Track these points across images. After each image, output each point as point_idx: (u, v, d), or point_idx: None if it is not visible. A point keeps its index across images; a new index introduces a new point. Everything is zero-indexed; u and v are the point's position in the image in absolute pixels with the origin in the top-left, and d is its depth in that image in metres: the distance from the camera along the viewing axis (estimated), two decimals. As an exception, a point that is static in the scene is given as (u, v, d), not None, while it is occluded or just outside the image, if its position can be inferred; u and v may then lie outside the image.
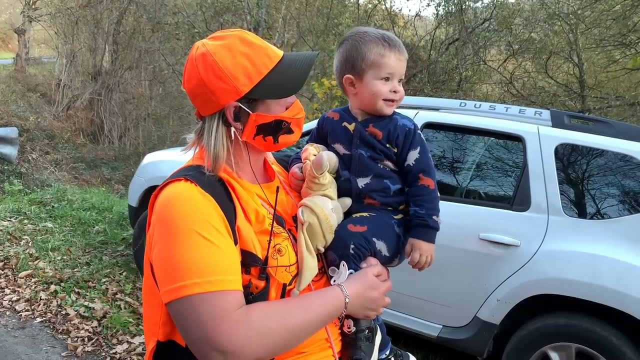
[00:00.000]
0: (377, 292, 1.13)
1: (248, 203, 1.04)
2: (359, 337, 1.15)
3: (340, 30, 11.94)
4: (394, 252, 1.22)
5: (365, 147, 1.25)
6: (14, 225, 5.17)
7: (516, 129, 2.97)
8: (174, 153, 4.58)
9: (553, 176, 2.78)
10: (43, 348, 3.12)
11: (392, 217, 1.24)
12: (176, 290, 0.92)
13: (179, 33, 11.15)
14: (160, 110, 14.70)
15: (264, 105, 1.06)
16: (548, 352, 2.62)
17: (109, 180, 10.15)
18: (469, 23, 10.91)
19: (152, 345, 1.05)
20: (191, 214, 0.95)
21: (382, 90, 1.24)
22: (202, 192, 0.97)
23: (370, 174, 1.25)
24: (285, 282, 1.04)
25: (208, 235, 0.94)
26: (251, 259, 0.99)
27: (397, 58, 1.24)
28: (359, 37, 1.26)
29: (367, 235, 1.17)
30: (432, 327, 2.98)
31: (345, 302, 1.06)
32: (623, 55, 10.39)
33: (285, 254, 1.06)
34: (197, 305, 0.91)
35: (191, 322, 0.91)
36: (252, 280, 0.99)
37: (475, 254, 2.83)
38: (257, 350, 0.92)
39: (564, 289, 2.60)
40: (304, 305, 1.01)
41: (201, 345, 0.91)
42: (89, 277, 4.07)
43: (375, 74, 1.25)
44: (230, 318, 0.91)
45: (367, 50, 1.25)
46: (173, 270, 0.93)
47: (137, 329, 3.37)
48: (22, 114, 10.91)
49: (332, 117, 1.33)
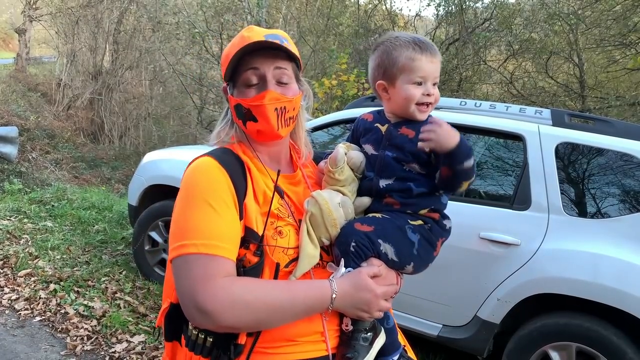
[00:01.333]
0: (369, 294, 1.10)
1: (259, 184, 1.13)
2: (355, 337, 1.13)
3: (341, 30, 11.94)
4: (403, 257, 1.18)
5: (393, 149, 1.24)
6: (14, 224, 5.16)
7: (517, 128, 2.96)
8: (174, 152, 4.58)
9: (553, 175, 2.78)
10: (42, 347, 3.11)
11: (407, 222, 1.21)
12: (177, 249, 1.03)
13: (179, 33, 11.15)
14: (161, 110, 14.71)
15: (238, 89, 1.18)
16: (548, 351, 2.62)
17: (109, 179, 10.15)
18: (469, 23, 10.90)
19: (165, 305, 1.15)
20: (205, 184, 1.07)
21: (414, 94, 1.23)
22: (219, 168, 1.09)
23: (393, 177, 1.23)
24: (280, 263, 1.08)
25: (215, 205, 1.04)
26: (251, 235, 1.07)
27: (428, 60, 1.23)
28: (389, 43, 1.26)
29: (372, 236, 1.15)
30: (432, 326, 2.97)
31: (332, 297, 1.07)
32: (623, 55, 10.39)
33: (285, 237, 1.11)
34: (190, 264, 1.01)
35: (182, 279, 1.01)
36: (247, 255, 1.07)
37: (476, 253, 2.82)
38: (231, 318, 0.98)
39: (564, 288, 2.59)
40: (287, 289, 1.05)
41: (185, 300, 1.00)
42: (89, 276, 4.06)
43: (407, 79, 1.24)
44: (215, 282, 0.99)
45: (398, 54, 1.25)
46: (179, 230, 1.05)
47: (137, 328, 3.37)
48: (23, 113, 10.91)
49: (366, 119, 1.35)
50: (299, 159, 1.30)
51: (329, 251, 1.19)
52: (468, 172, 1.17)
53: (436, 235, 1.24)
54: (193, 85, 12.13)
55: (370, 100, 3.69)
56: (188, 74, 12.06)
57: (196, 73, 12.08)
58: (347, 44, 11.57)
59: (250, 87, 1.16)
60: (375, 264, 1.16)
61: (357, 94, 7.97)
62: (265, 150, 1.22)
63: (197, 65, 12.25)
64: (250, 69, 1.15)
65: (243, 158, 1.16)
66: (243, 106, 1.16)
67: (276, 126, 1.16)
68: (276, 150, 1.24)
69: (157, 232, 4.11)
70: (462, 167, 1.15)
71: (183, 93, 13.24)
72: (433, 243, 1.23)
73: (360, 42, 11.60)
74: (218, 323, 0.98)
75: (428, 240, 1.21)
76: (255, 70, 1.15)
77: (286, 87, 1.17)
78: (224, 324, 0.99)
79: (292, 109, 1.18)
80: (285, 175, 1.22)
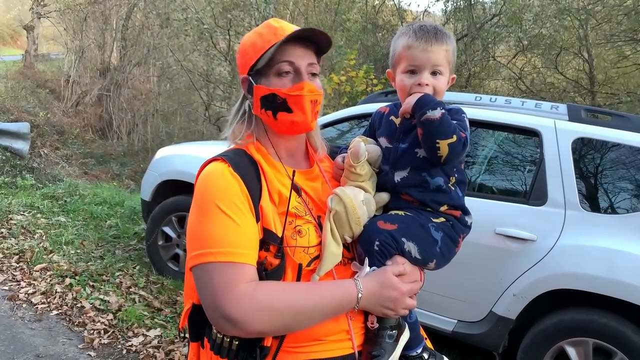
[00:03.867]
0: (395, 292, 1.10)
1: (273, 184, 1.12)
2: (381, 334, 1.14)
3: (348, 26, 11.90)
4: (427, 255, 1.18)
5: (407, 138, 1.22)
6: (28, 219, 5.21)
7: (533, 123, 2.95)
8: (187, 148, 4.60)
9: (570, 170, 2.77)
10: (60, 340, 3.14)
11: (430, 220, 1.19)
12: (195, 258, 1.02)
13: (187, 29, 11.14)
14: (169, 106, 14.73)
15: (267, 80, 1.15)
16: (565, 347, 2.62)
17: (118, 175, 10.19)
18: (477, 19, 10.84)
19: (188, 306, 1.15)
20: (218, 191, 1.06)
21: (405, 84, 1.22)
22: (232, 173, 1.08)
23: (407, 167, 1.21)
24: (302, 263, 1.08)
25: (229, 212, 1.03)
26: (270, 237, 1.07)
27: (422, 49, 1.19)
28: (398, 31, 1.26)
29: (396, 234, 1.14)
30: (447, 321, 2.98)
31: (358, 297, 1.07)
32: (634, 51, 10.31)
33: (305, 236, 1.10)
34: (210, 273, 1.00)
35: (204, 288, 1.01)
36: (268, 258, 1.06)
37: (492, 249, 2.82)
38: (259, 324, 0.98)
39: (580, 284, 2.59)
40: (313, 291, 1.05)
41: (211, 310, 1.00)
42: (103, 271, 4.09)
43: (401, 67, 1.24)
44: (238, 289, 0.99)
45: (397, 43, 1.25)
46: (195, 239, 1.05)
47: (152, 322, 3.39)
48: (32, 109, 10.96)
49: (383, 112, 1.33)
50: (315, 154, 1.29)
51: (349, 248, 1.19)
52: (434, 123, 1.13)
53: (458, 232, 1.23)
54: (200, 82, 12.13)
55: (384, 96, 3.69)
56: (196, 71, 12.08)
57: (204, 70, 12.09)
58: (355, 39, 11.54)
59: (283, 77, 1.14)
60: (399, 262, 1.15)
61: (366, 89, 7.96)
62: (282, 145, 1.21)
63: (204, 61, 12.26)
64: (285, 61, 1.13)
65: (256, 157, 1.15)
66: (279, 96, 1.13)
67: (310, 118, 1.15)
68: (294, 145, 1.23)
69: (171, 227, 4.13)
70: (425, 117, 1.13)
71: (190, 89, 13.26)
72: (455, 240, 1.23)
73: (368, 38, 11.58)
74: (246, 330, 0.99)
75: (451, 238, 1.21)
76: (290, 62, 1.14)
77: (315, 80, 1.17)
78: (252, 330, 0.99)
79: (319, 103, 1.19)
80: (301, 171, 1.21)
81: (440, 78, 1.22)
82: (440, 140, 1.13)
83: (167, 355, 3.04)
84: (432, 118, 1.13)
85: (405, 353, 1.22)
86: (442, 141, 1.13)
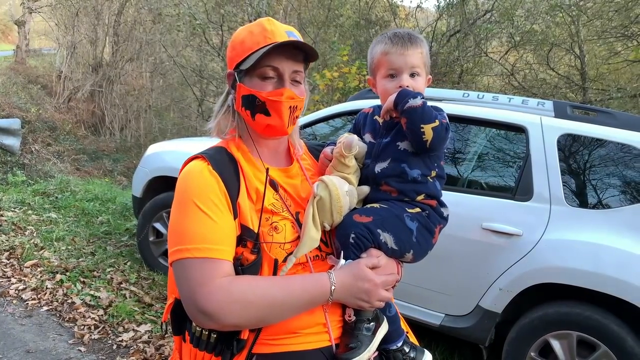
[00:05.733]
0: (368, 284, 1.12)
1: (251, 182, 1.15)
2: (358, 327, 1.16)
3: (341, 22, 11.89)
4: (403, 245, 1.20)
5: (389, 134, 1.27)
6: (19, 215, 5.20)
7: (519, 119, 2.98)
8: (177, 144, 4.60)
9: (555, 166, 2.80)
10: (50, 336, 3.16)
11: (404, 210, 1.23)
12: (174, 254, 1.06)
13: (180, 24, 11.10)
14: (161, 102, 14.69)
15: (250, 80, 1.18)
16: (549, 340, 2.66)
17: (110, 171, 10.16)
18: (470, 15, 10.84)
19: (170, 301, 1.18)
20: (196, 189, 1.09)
21: (387, 87, 1.28)
22: (210, 171, 1.11)
23: (388, 158, 1.25)
24: (278, 258, 1.11)
25: (206, 209, 1.07)
26: (247, 233, 1.10)
27: (399, 53, 1.25)
28: (374, 40, 1.32)
29: (371, 226, 1.17)
30: (434, 315, 3.01)
31: (332, 289, 1.09)
32: (625, 47, 10.35)
33: (281, 232, 1.13)
34: (187, 268, 1.04)
35: (182, 283, 1.05)
36: (244, 253, 1.09)
37: (478, 244, 2.85)
38: (233, 317, 1.02)
39: (565, 278, 2.63)
40: (286, 285, 1.07)
41: (188, 304, 1.04)
42: (94, 267, 4.10)
43: (381, 73, 1.30)
44: (213, 283, 1.02)
45: (374, 51, 1.31)
46: (174, 235, 1.08)
47: (143, 317, 3.41)
48: (24, 105, 10.89)
49: (367, 112, 1.39)
50: (295, 152, 1.32)
51: (327, 243, 1.21)
52: (417, 110, 1.18)
53: (434, 222, 1.26)
54: (193, 78, 12.11)
55: (372, 92, 3.71)
56: (188, 66, 12.04)
57: (196, 65, 12.05)
58: (348, 35, 11.53)
59: (266, 81, 1.17)
60: (374, 255, 1.18)
61: (359, 86, 7.97)
62: (264, 144, 1.24)
63: (197, 57, 12.22)
64: (269, 65, 1.16)
65: (236, 155, 1.18)
66: (258, 98, 1.16)
67: (286, 123, 1.18)
68: (275, 144, 1.26)
69: (162, 223, 4.14)
70: (408, 106, 1.19)
71: (183, 85, 13.22)
72: (431, 230, 1.25)
73: (361, 33, 11.57)
74: (221, 323, 1.02)
75: (426, 227, 1.24)
76: (274, 68, 1.16)
77: (298, 87, 1.20)
78: (226, 323, 1.02)
79: (299, 109, 1.22)
80: (280, 169, 1.23)
81: (418, 79, 1.29)
82: (425, 125, 1.18)
83: (157, 350, 3.06)
84: (415, 105, 1.18)
85: (385, 346, 1.24)
86: (426, 125, 1.18)
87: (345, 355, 1.11)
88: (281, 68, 1.16)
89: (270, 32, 1.16)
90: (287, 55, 1.17)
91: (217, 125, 1.24)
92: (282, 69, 1.16)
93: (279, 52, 1.15)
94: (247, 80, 1.18)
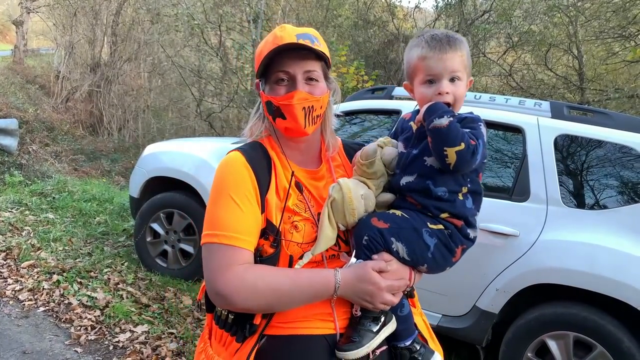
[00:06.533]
0: (372, 287, 1.15)
1: (281, 180, 1.23)
2: (362, 322, 1.18)
3: (339, 22, 11.89)
4: (416, 258, 1.20)
5: (419, 145, 1.23)
6: (16, 216, 5.19)
7: (516, 120, 2.99)
8: (174, 144, 4.60)
9: (552, 167, 2.81)
10: (47, 337, 3.15)
11: (425, 224, 1.20)
12: (205, 237, 1.17)
13: (178, 25, 11.08)
14: (160, 102, 14.65)
15: (269, 86, 1.25)
16: (546, 340, 2.66)
17: (108, 172, 10.14)
18: (468, 15, 10.86)
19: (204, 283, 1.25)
20: (231, 180, 1.19)
21: (425, 94, 1.23)
22: (245, 164, 1.20)
23: (415, 172, 1.22)
24: (294, 255, 1.19)
25: (238, 200, 1.16)
26: (270, 228, 1.18)
27: (438, 58, 1.20)
28: (410, 43, 1.28)
29: (385, 233, 1.18)
30: (432, 316, 3.01)
31: (336, 287, 1.15)
32: (622, 47, 10.37)
33: (301, 231, 1.20)
34: (213, 252, 1.15)
35: (206, 264, 1.16)
36: (265, 246, 1.18)
37: (475, 244, 2.84)
38: (244, 301, 1.12)
39: (562, 279, 2.63)
40: (294, 277, 1.15)
41: (208, 285, 1.15)
42: (91, 268, 4.09)
43: (419, 79, 1.25)
44: (231, 269, 1.12)
45: (411, 55, 1.26)
46: (208, 220, 1.18)
47: (140, 318, 3.40)
48: (21, 105, 10.88)
49: (405, 117, 1.36)
50: (326, 152, 1.35)
51: (347, 241, 1.26)
52: (441, 131, 1.13)
53: (456, 242, 1.22)
54: (192, 78, 12.07)
55: (370, 93, 3.71)
56: (187, 66, 12.02)
57: (195, 65, 12.03)
58: (346, 35, 11.54)
59: (280, 85, 1.22)
60: (385, 259, 1.19)
61: (357, 86, 7.98)
62: (294, 145, 1.29)
63: (195, 57, 12.20)
64: (280, 70, 1.21)
65: (271, 153, 1.26)
66: (273, 103, 1.23)
67: (303, 124, 1.22)
68: (305, 145, 1.31)
69: (159, 223, 4.14)
70: (433, 125, 1.14)
71: (182, 85, 13.18)
72: (452, 249, 1.22)
73: (359, 34, 11.57)
74: (234, 305, 1.13)
75: (446, 246, 1.21)
76: (285, 71, 1.22)
77: (314, 86, 1.22)
78: (238, 306, 1.13)
79: (319, 108, 1.24)
80: (308, 171, 1.29)
81: (459, 84, 1.23)
82: (448, 148, 1.13)
83: (154, 350, 3.05)
84: (439, 126, 1.14)
85: (395, 343, 1.27)
86: (449, 149, 1.13)
87: (344, 347, 1.16)
88: (292, 71, 1.21)
89: (280, 37, 1.20)
90: (296, 57, 1.20)
91: (250, 130, 1.32)
92: (293, 72, 1.21)
93: (288, 55, 1.20)
94: (267, 87, 1.25)
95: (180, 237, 4.11)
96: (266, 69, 1.23)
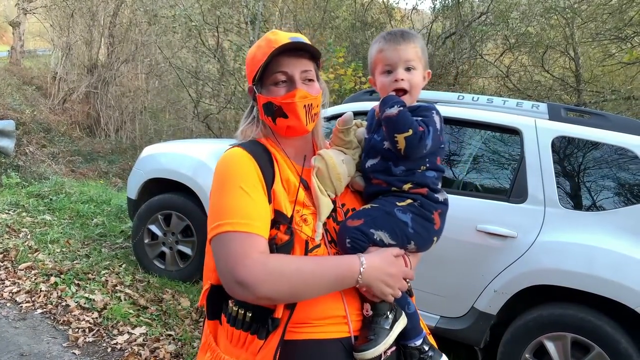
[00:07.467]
0: (395, 269, 1.19)
1: (285, 172, 1.25)
2: (375, 321, 1.20)
3: (337, 24, 11.90)
4: (399, 239, 1.24)
5: (380, 131, 1.32)
6: (13, 217, 5.17)
7: (513, 121, 2.99)
8: (173, 146, 4.59)
9: (550, 168, 2.82)
10: (44, 339, 3.14)
11: (394, 205, 1.26)
12: (215, 228, 1.13)
13: (175, 26, 11.07)
14: (157, 103, 14.63)
15: (267, 89, 1.28)
16: (544, 341, 2.67)
17: (106, 173, 10.13)
18: (465, 17, 10.88)
19: (206, 287, 1.26)
20: (238, 170, 1.18)
21: (384, 82, 1.33)
22: (248, 157, 1.20)
23: (377, 155, 1.31)
24: (308, 240, 1.19)
25: (247, 189, 1.15)
26: (281, 217, 1.18)
27: (393, 48, 1.31)
28: (372, 43, 1.39)
29: (363, 228, 1.21)
30: (429, 317, 3.01)
31: (361, 270, 1.15)
32: (619, 49, 10.40)
33: (309, 225, 1.22)
34: (227, 241, 1.11)
35: (222, 255, 1.11)
36: (278, 234, 1.16)
37: (473, 245, 2.86)
38: (268, 289, 1.07)
39: (560, 280, 2.64)
40: (319, 262, 1.15)
41: (226, 275, 1.10)
42: (89, 269, 4.09)
43: (378, 70, 1.35)
44: (252, 257, 1.08)
45: (371, 52, 1.38)
46: (216, 213, 1.15)
47: (138, 320, 3.40)
48: (18, 107, 10.85)
49: (375, 108, 1.43)
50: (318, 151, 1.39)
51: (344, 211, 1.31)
52: (391, 119, 1.24)
53: (429, 209, 1.27)
54: (189, 79, 12.06)
55: (368, 94, 3.71)
56: (184, 68, 12.01)
57: (192, 67, 12.02)
58: (343, 37, 11.55)
59: (279, 86, 1.26)
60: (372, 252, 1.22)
61: (355, 87, 7.98)
62: (290, 145, 1.32)
63: (193, 58, 12.19)
64: (279, 71, 1.25)
65: (270, 149, 1.27)
66: (274, 104, 1.25)
67: (305, 121, 1.26)
68: (300, 144, 1.34)
69: (157, 225, 4.13)
70: (384, 114, 1.26)
71: (179, 87, 13.17)
72: (428, 217, 1.26)
73: (357, 35, 11.59)
74: (257, 294, 1.07)
75: (422, 216, 1.26)
76: (283, 72, 1.25)
77: (310, 85, 1.28)
78: (262, 294, 1.07)
79: (316, 106, 1.29)
80: (307, 169, 1.31)
81: (415, 72, 1.33)
82: (398, 134, 1.23)
83: (152, 352, 3.05)
84: (390, 114, 1.25)
85: (403, 342, 1.29)
86: (399, 135, 1.23)
87: (362, 347, 1.17)
88: (290, 71, 1.25)
89: (274, 41, 1.24)
90: (293, 58, 1.25)
91: (243, 133, 1.32)
92: (291, 72, 1.25)
93: (285, 56, 1.24)
94: (264, 90, 1.28)
95: (178, 238, 4.10)
96: (262, 72, 1.26)
